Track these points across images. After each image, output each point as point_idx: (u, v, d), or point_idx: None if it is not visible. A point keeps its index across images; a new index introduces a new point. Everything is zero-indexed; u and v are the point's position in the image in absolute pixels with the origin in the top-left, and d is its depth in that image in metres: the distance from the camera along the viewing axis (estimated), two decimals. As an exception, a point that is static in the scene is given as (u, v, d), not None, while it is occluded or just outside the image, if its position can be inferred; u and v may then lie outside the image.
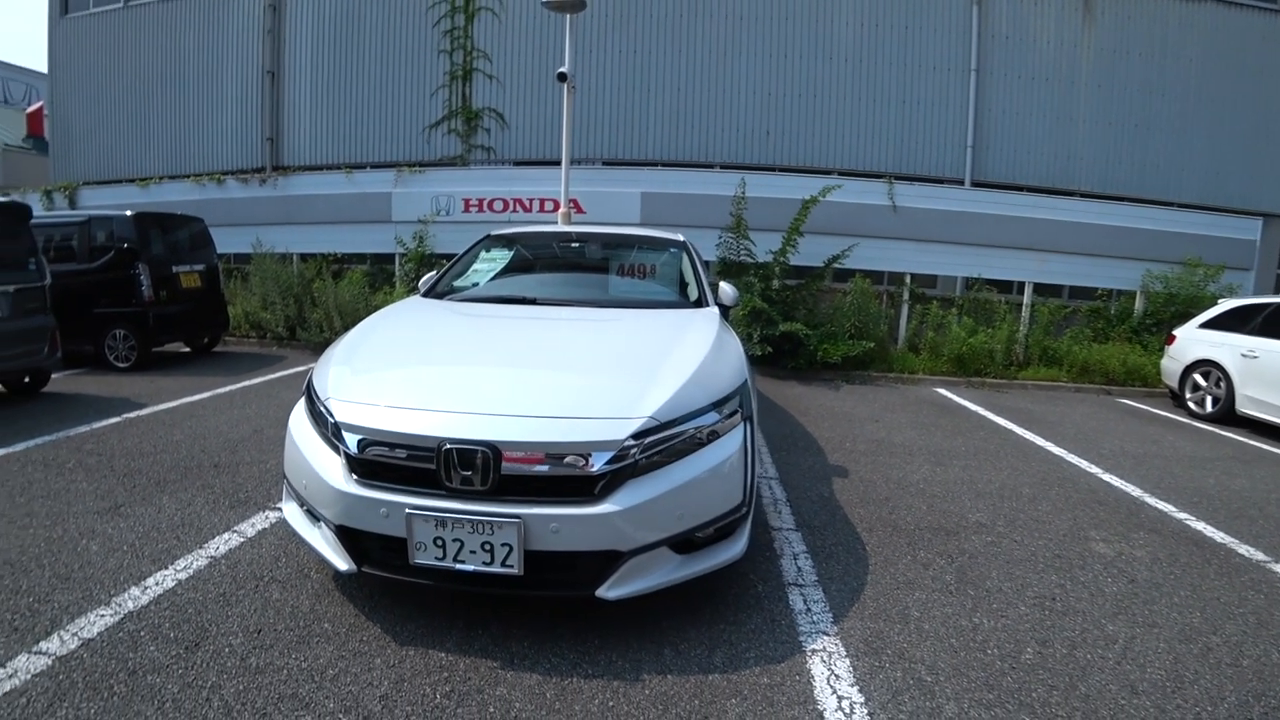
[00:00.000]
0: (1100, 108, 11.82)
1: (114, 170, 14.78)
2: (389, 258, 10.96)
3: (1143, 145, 11.96)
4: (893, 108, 11.78)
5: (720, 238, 9.07)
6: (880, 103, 11.79)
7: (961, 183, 11.52)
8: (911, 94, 11.77)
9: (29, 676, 2.09)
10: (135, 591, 2.61)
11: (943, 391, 7.82)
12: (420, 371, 2.70)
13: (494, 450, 2.15)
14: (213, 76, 14.21)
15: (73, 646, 2.25)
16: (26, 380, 6.21)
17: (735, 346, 3.05)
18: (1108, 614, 2.71)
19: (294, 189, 11.59)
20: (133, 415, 5.40)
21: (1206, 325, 7.31)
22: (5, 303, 5.68)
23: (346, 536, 2.30)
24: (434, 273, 4.21)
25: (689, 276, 3.99)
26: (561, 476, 2.19)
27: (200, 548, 3.01)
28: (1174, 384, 7.50)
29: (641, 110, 12.19)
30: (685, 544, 2.33)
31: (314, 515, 2.43)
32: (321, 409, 2.46)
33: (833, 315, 8.84)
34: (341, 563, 2.32)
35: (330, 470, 2.31)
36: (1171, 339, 7.67)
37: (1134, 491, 4.36)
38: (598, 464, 2.18)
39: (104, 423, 5.14)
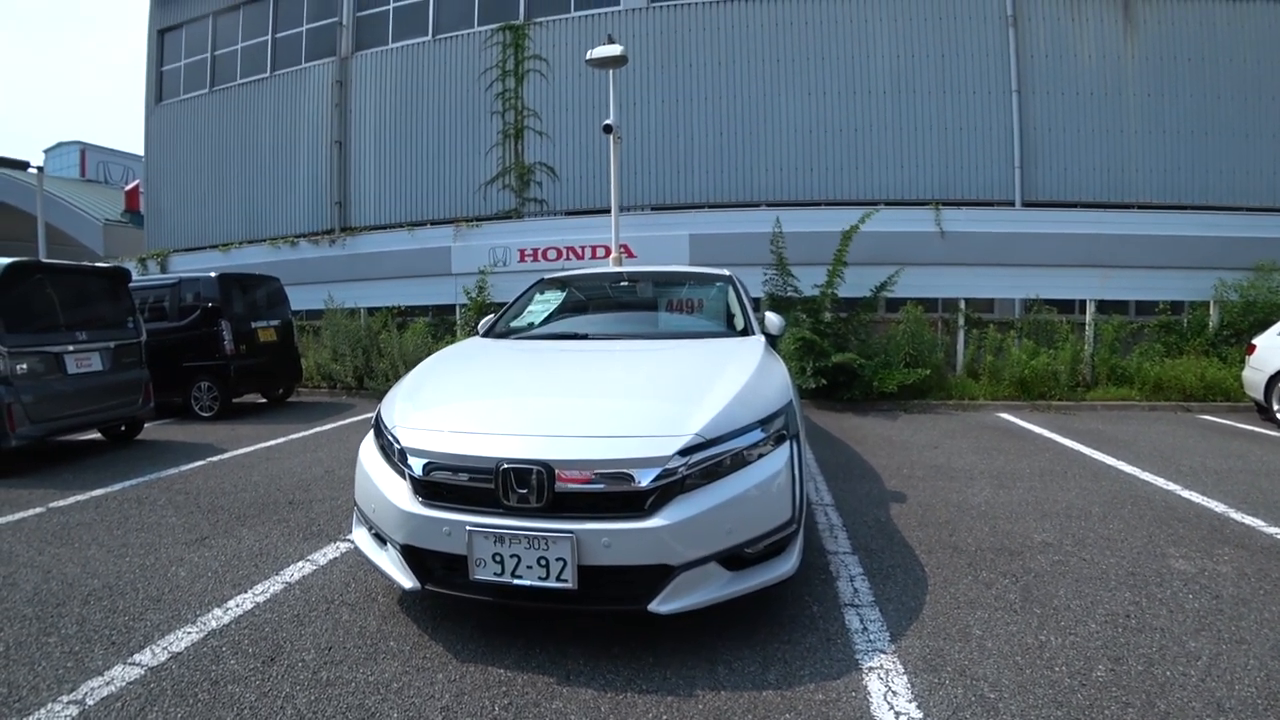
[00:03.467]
0: (1152, 116, 11.54)
1: (200, 238, 16.07)
2: (450, 308, 11.46)
3: (1202, 151, 11.55)
4: (934, 134, 11.78)
5: (765, 275, 9.16)
6: (922, 130, 11.81)
7: (1012, 204, 11.35)
8: (953, 120, 11.77)
9: (124, 684, 2.31)
10: (218, 612, 2.83)
11: (1005, 416, 7.57)
12: (478, 402, 2.87)
13: (548, 469, 2.27)
14: (286, 148, 15.42)
15: (163, 659, 2.46)
16: (123, 429, 6.74)
17: (780, 370, 3.11)
18: (1189, 631, 2.57)
19: (360, 247, 12.33)
20: (215, 459, 5.84)
21: (1290, 332, 6.91)
22: (106, 357, 6.25)
23: (412, 557, 2.44)
24: (492, 315, 4.45)
25: (734, 308, 4.07)
26: (612, 493, 2.29)
27: (276, 574, 3.24)
28: (1259, 395, 7.05)
29: (686, 155, 12.55)
30: (735, 560, 2.37)
31: (381, 538, 2.59)
32: (389, 437, 2.65)
33: (886, 345, 8.73)
34: (407, 581, 2.45)
35: (397, 493, 2.48)
36: (1252, 349, 7.25)
37: (1217, 508, 4.12)
38: (645, 480, 2.27)
39: (190, 465, 5.60)
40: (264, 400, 9.46)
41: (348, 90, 14.68)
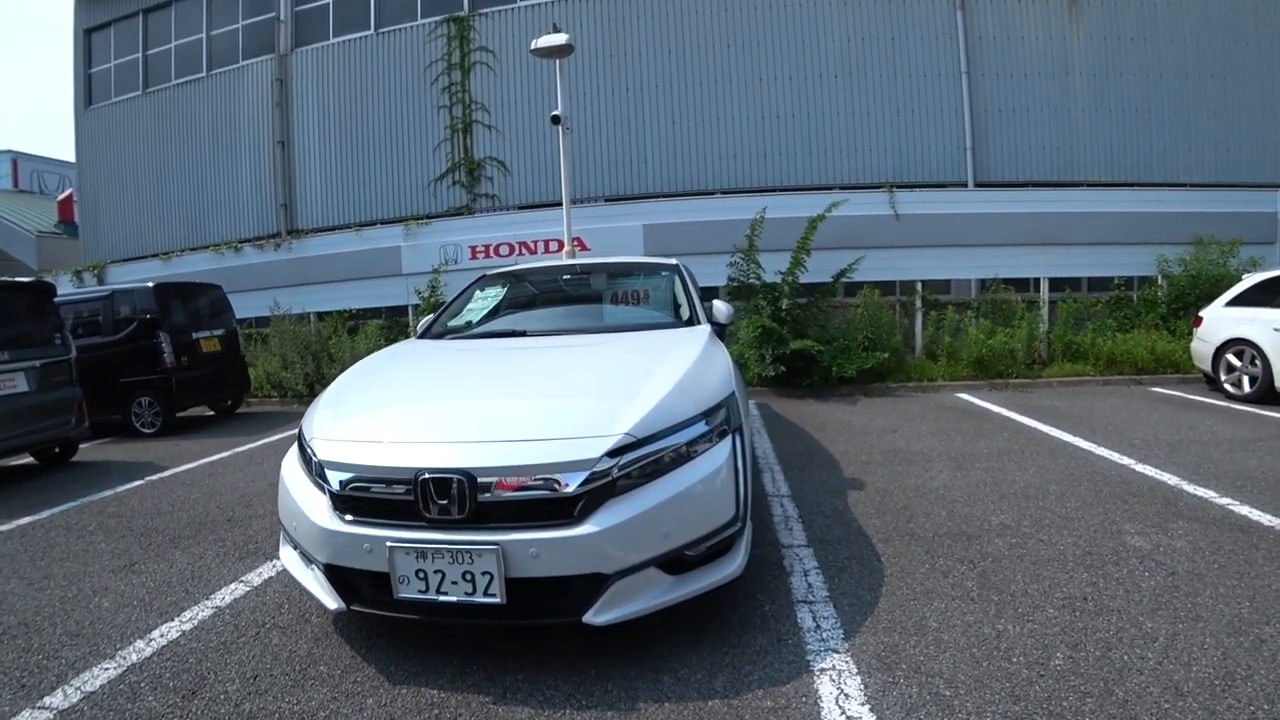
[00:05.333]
0: (1098, 97, 11.68)
1: (139, 247, 15.37)
2: (403, 310, 11.15)
3: (1146, 129, 11.76)
4: (887, 118, 11.79)
5: (732, 261, 9.05)
6: (874, 114, 11.81)
7: (964, 185, 11.43)
8: (905, 103, 11.77)
9: None
10: (140, 644, 2.65)
11: (964, 396, 7.60)
12: (400, 408, 2.68)
13: (469, 477, 2.12)
14: (226, 151, 14.81)
15: (75, 700, 2.29)
16: (56, 450, 6.40)
17: (722, 360, 2.96)
18: (1146, 611, 2.52)
19: (308, 250, 11.92)
20: (155, 478, 5.55)
21: (1234, 303, 7.04)
22: (33, 377, 5.90)
23: (335, 576, 2.30)
24: (431, 315, 4.24)
25: (680, 298, 3.94)
26: (538, 500, 2.14)
27: (207, 599, 3.05)
28: (1207, 367, 7.20)
29: (638, 145, 12.38)
30: (676, 564, 2.24)
31: (307, 557, 2.44)
32: (308, 450, 2.48)
33: (845, 329, 8.71)
34: (331, 602, 2.31)
35: (317, 510, 2.32)
36: (1199, 321, 7.40)
37: (1170, 480, 4.13)
38: (572, 485, 2.12)
39: (126, 486, 5.31)
40: (211, 413, 9.09)
41: (289, 88, 14.14)
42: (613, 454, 2.16)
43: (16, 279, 6.86)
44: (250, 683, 2.31)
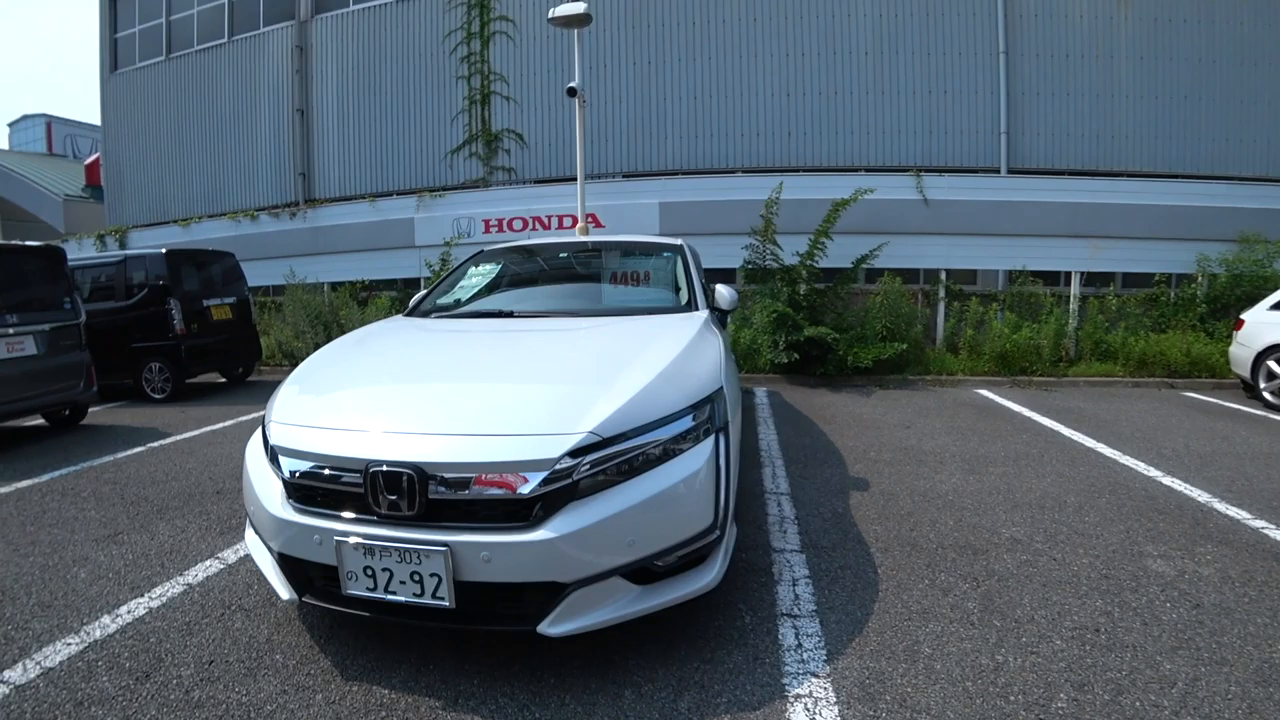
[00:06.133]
0: (1145, 81, 10.99)
1: (160, 213, 15.47)
2: (416, 282, 11.07)
3: (1194, 118, 11.07)
4: (918, 99, 11.26)
5: (747, 243, 8.76)
6: (905, 94, 11.29)
7: (997, 171, 10.92)
8: (937, 83, 11.22)
9: None
10: (106, 620, 2.62)
11: (984, 393, 7.30)
12: (360, 392, 2.53)
13: (420, 472, 1.97)
14: (247, 118, 14.76)
15: (33, 675, 2.26)
16: (66, 413, 6.47)
17: (713, 351, 2.74)
18: (1165, 649, 2.28)
19: (322, 220, 11.86)
20: (155, 444, 5.57)
21: (1278, 307, 6.63)
22: (42, 340, 5.94)
23: (289, 565, 2.20)
24: (423, 291, 4.10)
25: (681, 281, 3.73)
26: (492, 500, 1.98)
27: (180, 574, 3.01)
28: (1245, 373, 6.80)
29: (659, 120, 12.03)
30: (644, 573, 2.07)
31: (264, 543, 2.35)
32: (266, 433, 2.38)
33: (863, 318, 8.42)
34: (285, 592, 2.22)
35: (271, 496, 2.23)
36: (1240, 324, 6.98)
37: (1200, 497, 3.85)
38: (529, 486, 1.96)
39: (127, 453, 5.33)
40: (223, 380, 9.13)
41: (309, 55, 13.98)
42: (575, 454, 1.99)
43: (26, 242, 6.89)
44: (204, 669, 2.26)
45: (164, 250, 8.14)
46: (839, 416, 6.11)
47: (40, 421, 6.55)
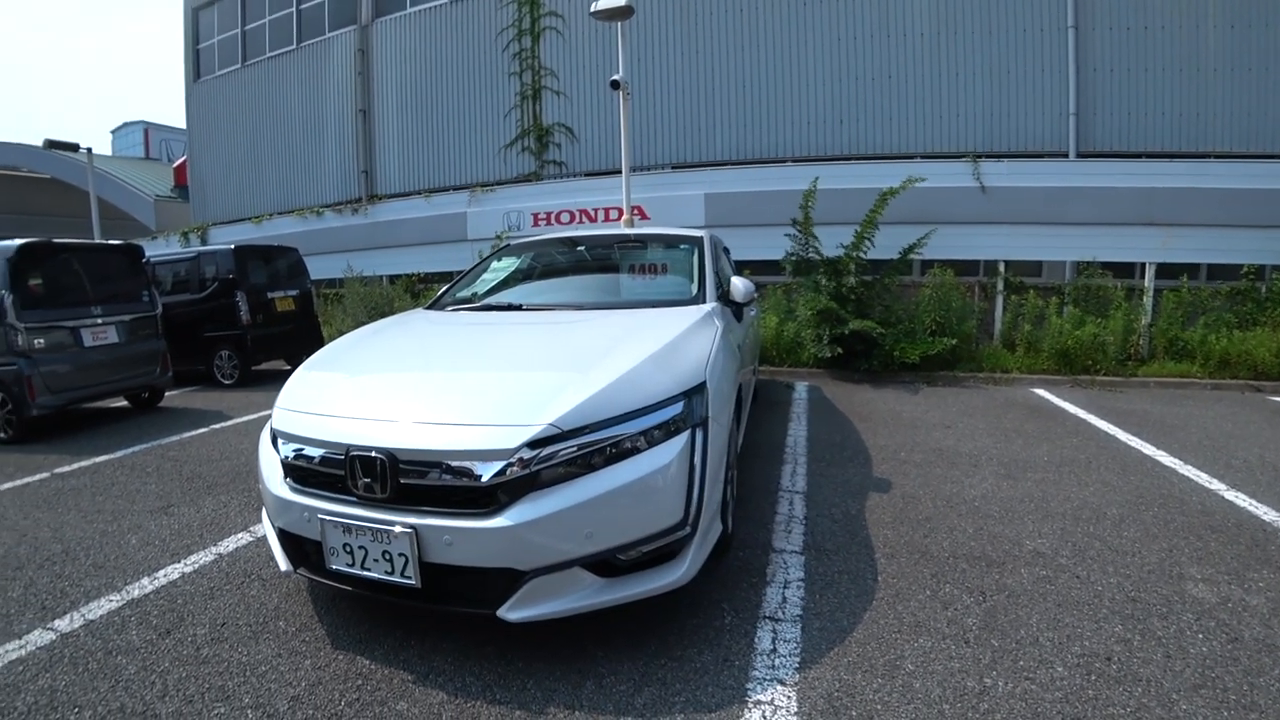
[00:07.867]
0: (1235, 52, 9.90)
1: (238, 210, 16.43)
2: (466, 276, 11.32)
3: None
4: (978, 80, 10.62)
5: (788, 233, 8.55)
6: (964, 76, 10.67)
7: (1065, 155, 10.19)
8: (999, 63, 10.55)
9: (34, 648, 2.41)
10: (145, 581, 2.92)
11: (1039, 392, 6.88)
12: (354, 380, 2.67)
13: (391, 457, 2.09)
14: (314, 119, 15.47)
15: (77, 626, 2.55)
16: (145, 396, 7.07)
17: (703, 344, 2.68)
18: (1184, 686, 2.02)
19: (381, 215, 12.33)
20: (218, 426, 6.05)
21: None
22: (122, 330, 6.50)
23: (287, 539, 2.40)
24: (447, 285, 4.21)
25: (695, 273, 3.68)
26: (456, 486, 2.07)
27: (215, 544, 3.30)
28: (1343, 375, 6.15)
29: (707, 111, 11.86)
30: (606, 566, 2.08)
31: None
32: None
33: (912, 311, 8.07)
34: (283, 563, 2.42)
35: (274, 476, 2.43)
36: (1338, 321, 6.32)
37: (1266, 515, 3.46)
38: (487, 474, 2.02)
39: (193, 433, 5.81)
40: (288, 367, 9.65)
41: (369, 58, 14.51)
42: (534, 445, 2.02)
43: (110, 241, 7.50)
44: (217, 629, 2.48)
45: (232, 246, 8.70)
46: (877, 414, 5.90)
47: (124, 403, 7.13)
